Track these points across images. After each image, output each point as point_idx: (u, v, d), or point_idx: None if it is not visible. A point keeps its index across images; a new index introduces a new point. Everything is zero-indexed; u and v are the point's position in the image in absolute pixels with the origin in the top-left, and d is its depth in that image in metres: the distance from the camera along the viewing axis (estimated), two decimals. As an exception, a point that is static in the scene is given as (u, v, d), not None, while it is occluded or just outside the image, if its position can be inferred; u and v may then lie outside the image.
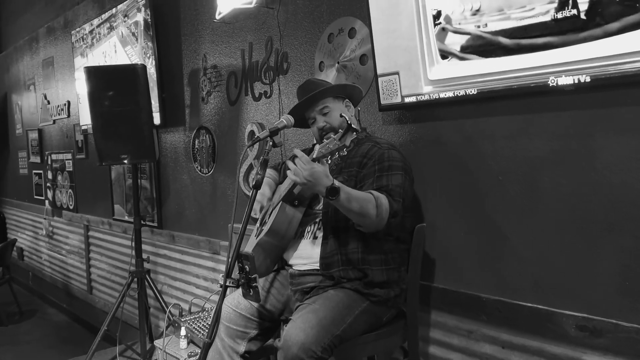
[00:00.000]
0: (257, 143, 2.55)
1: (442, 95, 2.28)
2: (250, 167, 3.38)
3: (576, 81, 1.86)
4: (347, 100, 2.30)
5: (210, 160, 3.77)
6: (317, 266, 2.16)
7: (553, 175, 2.02)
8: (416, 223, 2.29)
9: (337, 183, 1.88)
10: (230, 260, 2.00)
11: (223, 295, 1.98)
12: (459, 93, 2.22)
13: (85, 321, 5.63)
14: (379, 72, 2.51)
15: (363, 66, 2.68)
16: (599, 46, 1.80)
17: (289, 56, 3.08)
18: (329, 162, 1.87)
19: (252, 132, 3.37)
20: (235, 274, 2.05)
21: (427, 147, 2.43)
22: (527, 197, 2.09)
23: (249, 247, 2.31)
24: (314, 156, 1.87)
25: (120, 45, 4.37)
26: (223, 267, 3.68)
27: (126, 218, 4.79)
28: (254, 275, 2.00)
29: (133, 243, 3.83)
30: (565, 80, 1.89)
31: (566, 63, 1.88)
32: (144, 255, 3.92)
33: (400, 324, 2.24)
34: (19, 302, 6.18)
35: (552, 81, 1.92)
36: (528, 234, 2.08)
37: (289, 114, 2.27)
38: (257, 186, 2.05)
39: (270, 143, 2.11)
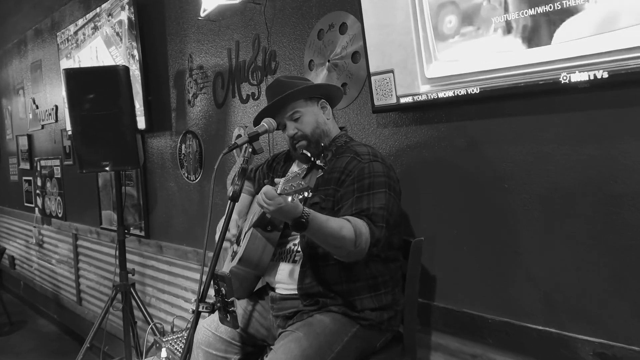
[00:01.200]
0: (224, 152, 2.29)
1: (441, 94, 2.06)
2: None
3: (592, 77, 1.64)
4: (322, 100, 2.06)
5: (197, 167, 3.57)
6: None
7: (567, 183, 1.80)
8: (407, 237, 2.08)
9: (306, 213, 1.66)
10: (203, 281, 1.78)
11: (195, 324, 1.76)
12: (460, 92, 2.00)
13: (75, 333, 5.44)
14: (372, 70, 2.30)
15: (355, 64, 2.47)
16: (618, 38, 1.57)
17: (278, 55, 2.88)
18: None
19: (239, 136, 3.16)
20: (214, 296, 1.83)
21: (426, 152, 2.22)
22: (538, 207, 1.89)
23: (225, 267, 2.10)
24: (278, 191, 1.64)
25: (104, 46, 4.17)
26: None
27: (114, 226, 4.59)
28: (231, 299, 1.79)
29: (117, 253, 3.63)
30: (579, 77, 1.67)
31: (580, 57, 1.66)
32: (130, 267, 3.75)
33: (396, 350, 2.02)
34: (9, 313, 6.01)
35: (564, 78, 1.70)
36: (540, 250, 1.89)
37: (256, 119, 2.07)
38: (234, 198, 1.84)
39: (250, 150, 1.90)
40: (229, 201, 1.84)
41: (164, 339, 2.81)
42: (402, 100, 2.21)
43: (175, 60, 3.68)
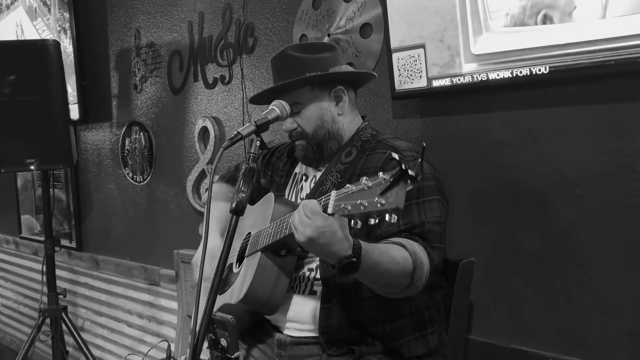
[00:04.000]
0: (225, 146, 1.67)
1: (492, 75, 1.64)
2: (203, 175, 2.62)
3: None
4: (339, 88, 1.56)
5: (145, 165, 3.01)
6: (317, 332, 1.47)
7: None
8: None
9: (357, 248, 1.20)
10: (197, 329, 1.24)
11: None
12: (521, 72, 1.58)
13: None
14: (394, 45, 1.85)
15: (365, 39, 2.01)
16: None
17: (257, 28, 2.39)
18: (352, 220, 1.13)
19: (204, 129, 2.61)
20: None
21: (463, 150, 1.81)
22: (621, 220, 1.53)
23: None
24: (329, 210, 1.15)
25: (27, 19, 3.48)
26: (164, 302, 2.92)
27: (37, 236, 3.91)
28: (235, 355, 1.26)
29: (44, 269, 3.08)
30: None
31: None
32: (59, 287, 3.19)
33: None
34: None
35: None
36: (621, 274, 1.54)
37: (254, 99, 1.65)
38: (238, 211, 1.30)
39: (258, 142, 1.37)
40: (232, 214, 1.30)
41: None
42: (436, 83, 1.76)
43: (118, 36, 3.19)
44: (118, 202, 3.29)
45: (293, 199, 1.64)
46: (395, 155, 1.02)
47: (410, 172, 0.98)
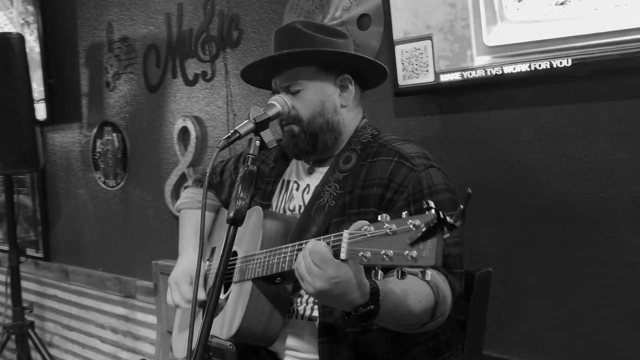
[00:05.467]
0: (221, 146, 1.44)
1: (507, 69, 1.51)
2: (183, 179, 2.44)
3: None
4: (345, 77, 1.37)
5: (119, 169, 2.83)
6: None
7: None
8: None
9: (375, 293, 1.04)
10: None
11: None
12: (539, 65, 1.45)
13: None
14: (397, 37, 1.72)
15: (363, 31, 1.87)
16: None
17: (242, 20, 2.25)
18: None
19: (184, 130, 2.43)
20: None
21: (475, 151, 1.68)
22: None
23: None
24: (342, 255, 0.98)
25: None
26: (140, 316, 2.73)
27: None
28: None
29: (8, 281, 2.92)
30: None
31: None
32: (26, 300, 3.07)
33: None
34: None
35: None
36: None
37: (244, 72, 1.44)
38: (237, 220, 1.13)
39: (257, 142, 1.20)
40: (230, 225, 1.13)
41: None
42: (444, 78, 1.63)
43: (89, 30, 3.02)
44: (89, 209, 3.10)
45: (281, 209, 1.46)
46: (431, 203, 0.85)
47: (449, 220, 0.82)
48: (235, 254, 1.43)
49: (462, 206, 0.81)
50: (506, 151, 1.62)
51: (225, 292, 1.40)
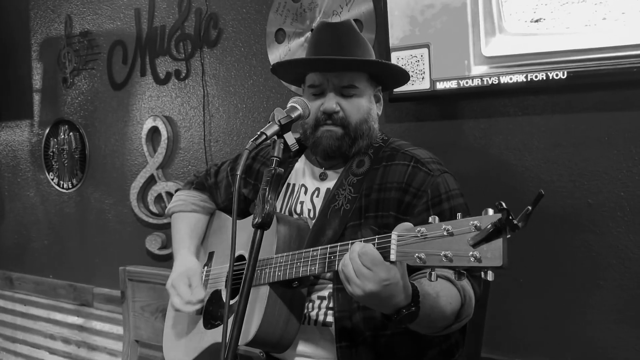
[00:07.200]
0: (250, 148, 1.29)
1: (504, 79, 1.56)
2: (151, 181, 2.34)
3: None
4: (379, 88, 1.42)
5: (76, 170, 2.69)
6: None
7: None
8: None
9: (416, 294, 1.06)
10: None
11: None
12: (535, 77, 1.51)
13: None
14: (393, 43, 1.74)
15: (354, 36, 1.84)
16: None
17: (221, 19, 2.18)
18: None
19: (154, 130, 2.35)
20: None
21: (468, 158, 1.71)
22: (635, 230, 1.50)
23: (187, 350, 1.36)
24: (392, 257, 0.98)
25: None
26: (98, 325, 2.61)
27: None
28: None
29: None
30: None
31: None
32: None
33: None
34: None
35: None
36: (634, 283, 1.50)
37: (277, 65, 1.42)
38: (265, 224, 1.10)
39: (281, 145, 1.17)
40: (256, 229, 1.09)
41: None
42: (440, 86, 1.66)
43: (44, 22, 2.86)
44: (39, 212, 2.91)
45: (286, 212, 1.43)
46: (503, 203, 0.85)
47: (515, 221, 0.83)
48: (241, 258, 1.39)
49: (530, 207, 0.82)
50: (498, 158, 1.67)
51: (232, 298, 1.35)
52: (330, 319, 1.28)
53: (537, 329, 1.64)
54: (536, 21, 1.52)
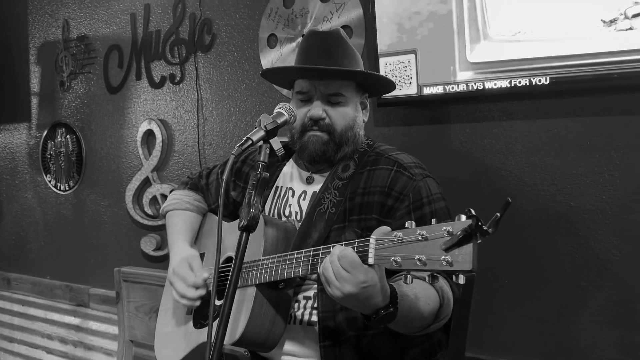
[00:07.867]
0: (236, 153, 1.33)
1: (489, 84, 1.60)
2: (146, 183, 2.38)
3: None
4: (365, 95, 1.45)
5: (72, 172, 2.73)
6: None
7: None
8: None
9: (394, 294, 1.09)
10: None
11: None
12: (519, 82, 1.55)
13: None
14: (381, 49, 1.77)
15: (343, 42, 1.88)
16: None
17: (215, 25, 2.22)
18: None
19: (149, 133, 2.38)
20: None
21: (453, 161, 1.75)
22: (614, 232, 1.54)
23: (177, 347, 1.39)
24: (370, 260, 1.02)
25: None
26: (94, 325, 2.65)
27: None
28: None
29: None
30: None
31: None
32: None
33: None
34: None
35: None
36: (614, 284, 1.54)
37: (267, 71, 1.48)
38: (251, 227, 1.13)
39: (267, 150, 1.21)
40: (242, 231, 1.13)
41: None
42: (427, 91, 1.70)
43: (42, 26, 2.89)
44: (37, 213, 2.94)
45: (275, 215, 1.47)
46: (472, 210, 0.90)
47: (484, 227, 0.87)
48: (230, 260, 1.42)
49: (498, 214, 0.86)
50: (483, 162, 1.70)
51: (219, 299, 1.39)
52: (314, 318, 1.32)
53: (521, 329, 1.67)
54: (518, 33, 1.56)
